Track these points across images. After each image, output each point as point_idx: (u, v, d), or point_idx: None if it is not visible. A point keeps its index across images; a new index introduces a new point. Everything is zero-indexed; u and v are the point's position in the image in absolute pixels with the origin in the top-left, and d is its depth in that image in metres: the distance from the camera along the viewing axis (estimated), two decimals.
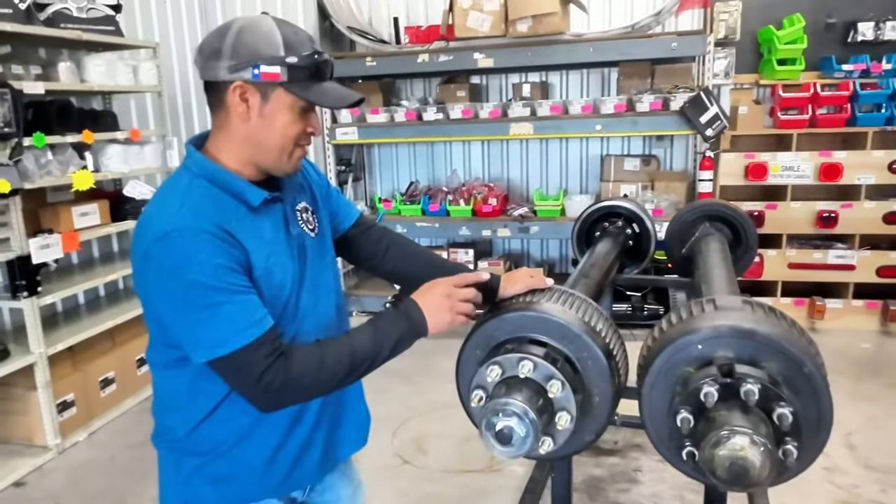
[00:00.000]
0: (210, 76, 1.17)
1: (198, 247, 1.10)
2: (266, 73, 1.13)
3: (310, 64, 1.16)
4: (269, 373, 1.12)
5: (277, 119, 1.17)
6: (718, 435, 1.13)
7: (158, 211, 1.16)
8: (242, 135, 1.18)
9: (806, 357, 1.23)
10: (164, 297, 1.13)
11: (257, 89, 1.15)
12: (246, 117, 1.17)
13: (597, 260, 2.41)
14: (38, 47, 3.32)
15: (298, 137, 1.21)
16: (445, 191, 4.90)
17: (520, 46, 4.34)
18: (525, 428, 1.22)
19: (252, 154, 1.20)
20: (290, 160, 1.23)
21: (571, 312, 1.40)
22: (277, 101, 1.16)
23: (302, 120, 1.20)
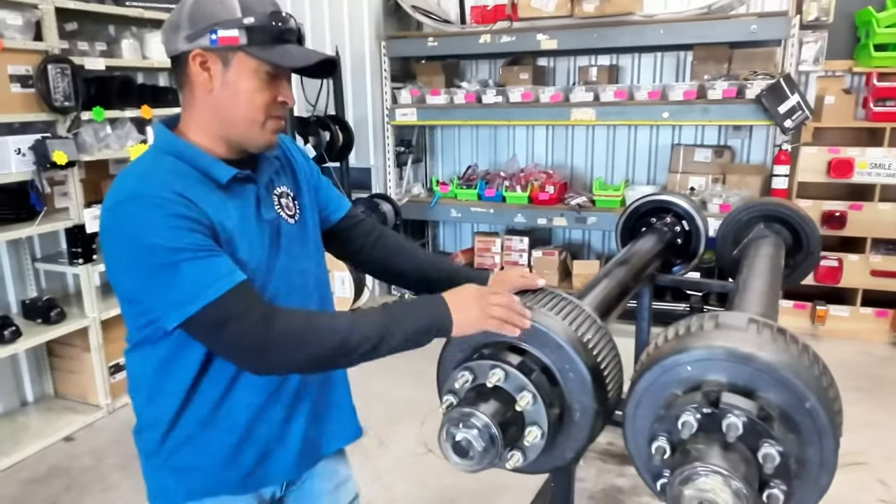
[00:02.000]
0: (171, 50, 1.13)
1: (153, 211, 1.05)
2: (224, 38, 1.08)
3: (269, 24, 1.11)
4: (249, 325, 1.06)
5: (241, 85, 1.11)
6: (687, 471, 1.01)
7: (117, 185, 1.12)
8: (210, 108, 1.13)
9: (810, 390, 1.08)
10: (126, 267, 1.08)
11: (218, 56, 1.10)
12: (209, 87, 1.12)
13: (630, 256, 2.26)
14: (107, 24, 3.45)
15: (268, 107, 1.15)
16: (503, 176, 4.78)
17: (585, 27, 4.14)
18: (484, 442, 1.14)
19: (221, 128, 1.15)
20: (263, 132, 1.17)
21: (557, 319, 1.29)
22: (239, 66, 1.11)
23: (270, 87, 1.14)
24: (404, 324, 1.13)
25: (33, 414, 3.27)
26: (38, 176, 2.80)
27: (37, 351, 3.34)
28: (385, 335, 1.11)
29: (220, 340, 1.09)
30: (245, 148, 1.19)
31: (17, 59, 2.75)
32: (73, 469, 2.82)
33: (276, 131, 1.20)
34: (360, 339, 1.10)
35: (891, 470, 2.68)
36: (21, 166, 2.78)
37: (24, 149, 2.78)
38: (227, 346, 1.09)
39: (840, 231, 3.98)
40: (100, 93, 3.19)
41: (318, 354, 1.11)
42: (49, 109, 2.85)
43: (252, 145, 1.18)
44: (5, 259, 3.18)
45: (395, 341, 1.12)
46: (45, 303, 3.08)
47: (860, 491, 2.58)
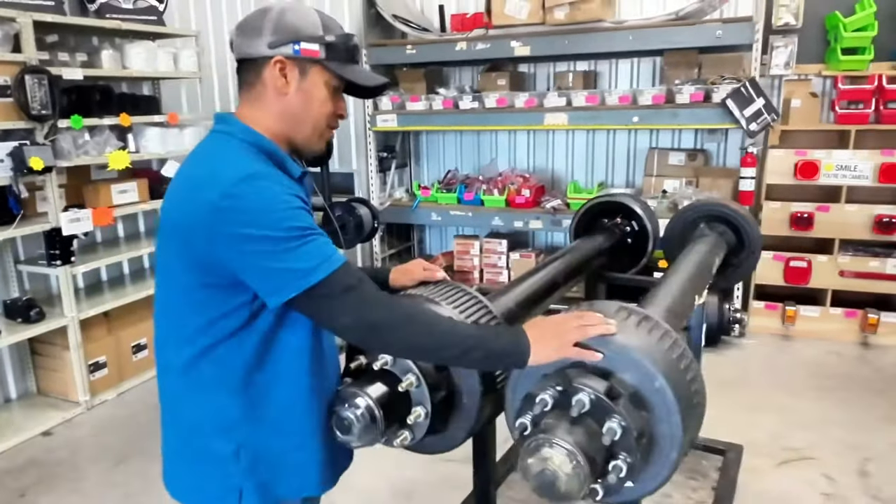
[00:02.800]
0: (249, 52, 1.21)
1: (279, 189, 1.12)
2: (306, 50, 1.18)
3: (345, 44, 1.23)
4: (369, 296, 1.13)
5: (314, 94, 1.21)
6: (532, 442, 1.09)
7: (222, 164, 1.13)
8: (279, 109, 1.21)
9: (660, 371, 1.17)
10: (247, 241, 1.07)
11: (296, 65, 1.19)
12: (285, 91, 1.20)
13: (565, 253, 2.35)
14: (89, 36, 3.59)
15: (330, 117, 1.26)
16: (481, 180, 4.87)
17: (557, 34, 4.23)
18: (365, 420, 1.23)
19: (287, 128, 1.23)
20: (321, 139, 1.28)
21: (448, 309, 1.38)
22: (315, 76, 1.21)
23: (334, 100, 1.25)
24: (490, 342, 1.18)
25: (16, 409, 3.40)
26: (15, 181, 2.94)
27: (20, 349, 3.47)
28: (475, 346, 1.16)
29: (341, 304, 1.11)
30: (300, 150, 1.28)
31: None
32: (48, 462, 2.94)
33: (328, 139, 1.31)
34: (457, 341, 1.16)
35: (838, 465, 2.73)
36: (0, 172, 2.91)
37: (2, 155, 2.92)
38: (346, 313, 1.12)
39: (808, 232, 4.03)
40: (79, 101, 3.33)
41: (421, 342, 1.16)
42: (27, 118, 2.98)
43: (308, 148, 1.28)
44: None
45: (479, 354, 1.17)
46: (25, 303, 3.21)
47: (804, 484, 2.63)
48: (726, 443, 2.70)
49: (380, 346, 1.22)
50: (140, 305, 3.81)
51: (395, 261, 5.58)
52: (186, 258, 1.14)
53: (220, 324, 1.16)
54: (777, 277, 4.14)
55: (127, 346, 3.71)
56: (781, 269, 4.12)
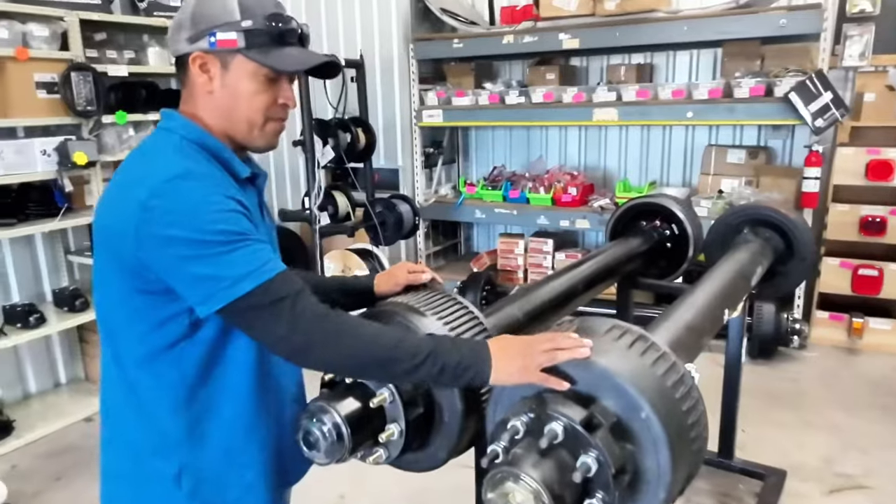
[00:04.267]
0: (176, 50, 1.14)
1: (214, 189, 1.05)
2: (222, 41, 1.09)
3: (269, 27, 1.11)
4: (305, 307, 1.05)
5: (241, 88, 1.12)
6: (497, 474, 1.00)
7: (154, 163, 1.07)
8: (211, 107, 1.13)
9: (647, 399, 1.04)
10: (172, 244, 1.00)
11: (217, 58, 1.11)
12: (209, 88, 1.12)
13: (594, 256, 2.22)
14: (139, 34, 3.68)
15: (268, 109, 1.15)
16: (527, 177, 4.74)
17: (607, 26, 4.04)
18: (331, 437, 1.17)
19: (224, 126, 1.14)
20: (263, 134, 1.17)
21: (432, 320, 1.30)
22: (238, 68, 1.11)
23: (270, 89, 1.14)
24: (447, 356, 1.09)
25: (64, 394, 3.55)
26: (60, 175, 3.04)
27: (69, 336, 3.61)
28: (426, 360, 1.07)
29: (270, 321, 1.04)
30: (246, 147, 1.19)
31: (43, 68, 2.99)
32: (85, 447, 3.04)
33: (278, 133, 1.20)
34: (404, 354, 1.07)
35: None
36: (46, 166, 3.02)
37: (49, 150, 3.02)
38: (277, 326, 1.04)
39: (880, 238, 3.71)
40: (125, 98, 3.41)
41: (361, 357, 1.08)
42: (73, 114, 3.08)
43: (251, 145, 1.19)
44: (41, 251, 3.46)
45: (435, 369, 1.08)
46: (72, 292, 3.33)
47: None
48: (767, 466, 2.50)
49: (314, 363, 1.09)
50: None
51: (441, 258, 5.52)
52: (118, 262, 1.07)
53: (159, 333, 1.09)
54: (844, 286, 3.83)
55: None
56: (849, 278, 3.81)
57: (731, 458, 2.49)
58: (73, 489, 2.73)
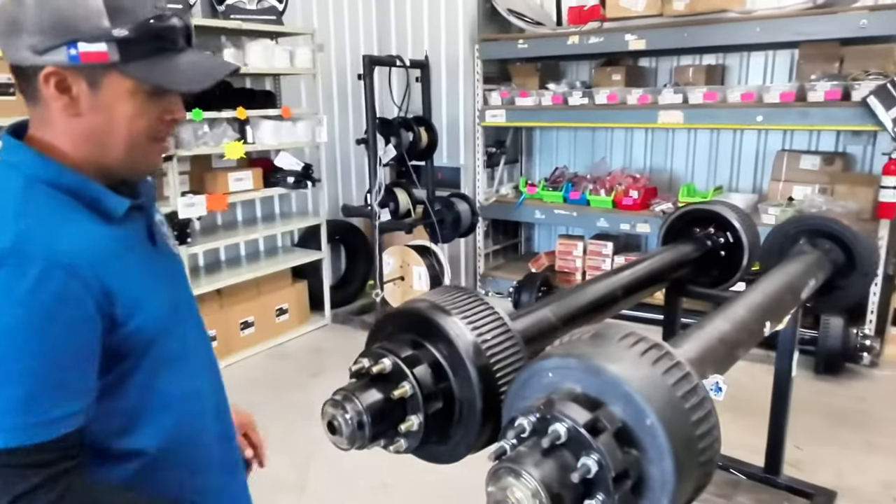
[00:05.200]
0: (12, 57, 0.87)
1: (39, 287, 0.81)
2: (88, 55, 0.85)
3: (149, 32, 0.87)
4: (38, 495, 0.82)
5: (117, 110, 0.89)
6: (498, 468, 1.04)
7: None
8: (75, 133, 0.90)
9: (653, 407, 1.06)
10: None
11: (81, 76, 0.86)
12: (73, 112, 0.88)
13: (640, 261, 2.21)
14: (218, 35, 3.89)
15: (152, 129, 0.93)
16: (589, 179, 4.70)
17: (675, 26, 3.96)
18: (352, 425, 1.24)
19: (93, 153, 0.92)
20: (146, 158, 0.95)
21: (456, 320, 1.35)
22: (112, 87, 0.88)
23: (153, 106, 0.92)
24: None
25: None
26: None
27: None
28: None
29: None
30: (123, 176, 0.97)
31: None
32: None
33: (163, 153, 1.00)
34: None
35: None
36: None
37: None
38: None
39: None
40: (201, 96, 3.62)
41: None
42: None
43: (131, 174, 0.97)
44: None
45: None
46: None
47: None
48: (817, 486, 2.41)
49: None
50: (251, 285, 4.11)
51: (500, 257, 5.55)
52: None
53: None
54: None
55: (236, 321, 4.02)
56: None
57: (777, 474, 2.42)
58: None
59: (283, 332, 4.27)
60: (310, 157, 4.39)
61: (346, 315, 4.63)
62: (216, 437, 1.16)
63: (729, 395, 2.85)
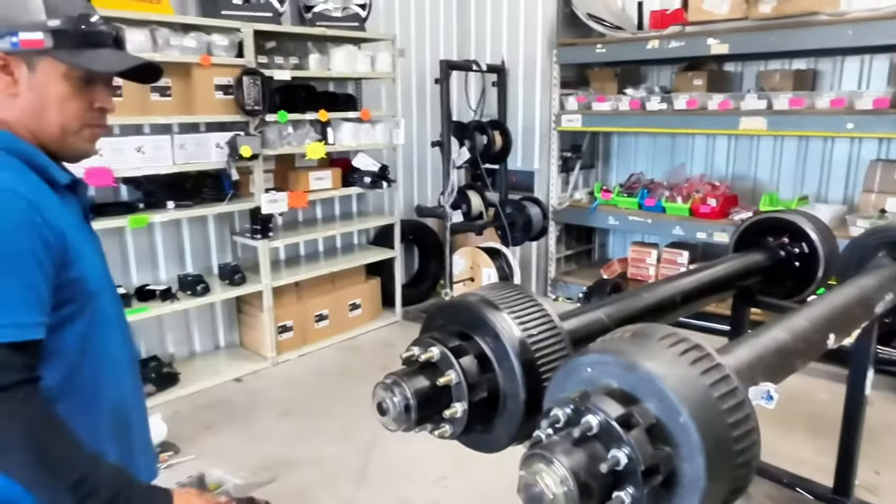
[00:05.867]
0: None
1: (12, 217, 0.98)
2: (26, 41, 1.04)
3: (79, 27, 1.07)
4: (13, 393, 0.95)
5: (51, 91, 1.07)
6: (530, 453, 1.08)
7: None
8: (18, 111, 1.08)
9: (689, 407, 1.07)
10: None
11: (21, 59, 1.06)
12: (13, 91, 1.07)
13: (706, 267, 2.18)
14: (305, 41, 4.11)
15: (83, 114, 1.11)
16: (665, 185, 4.61)
17: (761, 30, 3.83)
18: (400, 408, 1.31)
19: (33, 132, 1.10)
20: (79, 140, 1.13)
21: (503, 315, 1.40)
22: (47, 70, 1.07)
23: (85, 93, 1.10)
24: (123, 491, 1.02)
25: (221, 356, 4.06)
26: (230, 165, 3.50)
27: (229, 307, 4.13)
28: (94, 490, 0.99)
29: None
30: (57, 155, 1.14)
31: (221, 73, 3.46)
32: (233, 404, 3.48)
33: (95, 139, 1.16)
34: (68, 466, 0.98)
35: None
36: (218, 157, 3.50)
37: (222, 143, 3.49)
38: None
39: None
40: (287, 99, 3.84)
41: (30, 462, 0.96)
42: (242, 112, 3.53)
43: (66, 154, 1.14)
44: (211, 230, 4.00)
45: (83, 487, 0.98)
46: (232, 268, 3.81)
47: None
48: None
49: None
50: (327, 279, 4.29)
51: (573, 262, 5.52)
52: None
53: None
54: None
55: (311, 314, 4.21)
56: None
57: (847, 496, 2.31)
58: (219, 437, 3.15)
59: (356, 327, 4.44)
60: (387, 159, 4.53)
61: (417, 313, 4.75)
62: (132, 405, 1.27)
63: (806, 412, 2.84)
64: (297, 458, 2.94)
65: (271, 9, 3.66)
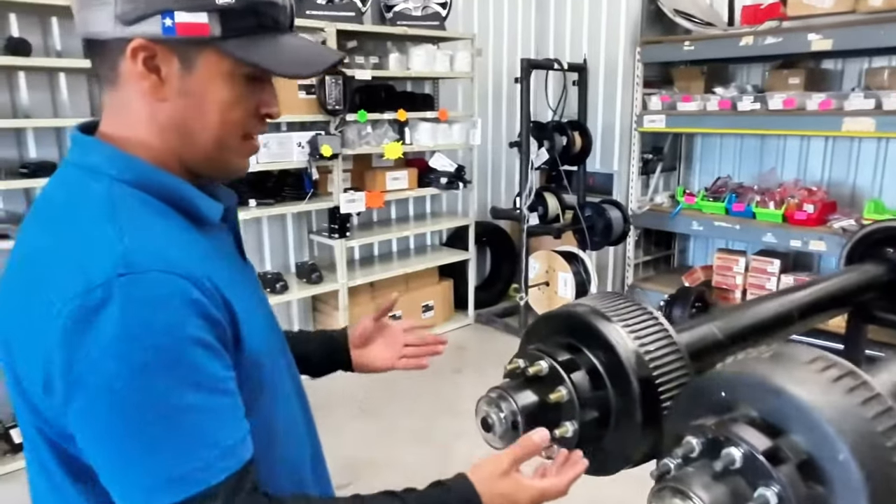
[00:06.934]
0: (90, 30, 0.74)
1: (171, 306, 0.67)
2: (186, 26, 0.72)
3: (253, 5, 0.75)
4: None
5: (211, 97, 0.76)
6: (662, 486, 0.98)
7: (79, 235, 0.70)
8: (160, 122, 0.77)
9: (850, 442, 0.95)
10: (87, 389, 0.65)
11: (173, 52, 0.74)
12: (159, 96, 0.75)
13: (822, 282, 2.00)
14: (385, 40, 4.09)
15: (247, 123, 0.80)
16: (756, 190, 4.36)
17: (869, 24, 3.56)
18: (507, 424, 1.23)
19: (178, 148, 0.79)
20: (236, 157, 0.82)
21: (616, 327, 1.30)
22: (209, 68, 0.75)
23: (250, 96, 0.79)
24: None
25: None
26: (310, 164, 3.51)
27: (305, 304, 4.16)
28: None
29: None
30: (208, 175, 0.84)
31: None
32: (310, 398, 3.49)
33: (253, 154, 0.85)
34: None
35: None
36: (300, 156, 3.52)
37: (304, 142, 3.51)
38: None
39: None
40: (367, 98, 3.83)
41: None
42: (324, 112, 3.54)
43: (218, 174, 0.84)
44: (290, 229, 4.04)
45: None
46: (310, 266, 3.83)
47: None
48: None
49: None
50: (401, 280, 4.27)
51: (651, 268, 5.31)
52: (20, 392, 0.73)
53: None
54: None
55: None
56: None
57: None
58: None
59: (428, 329, 4.39)
60: (462, 159, 4.47)
61: (490, 316, 4.67)
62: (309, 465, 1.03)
63: None
64: (374, 459, 2.91)
65: (354, 8, 3.65)
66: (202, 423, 0.69)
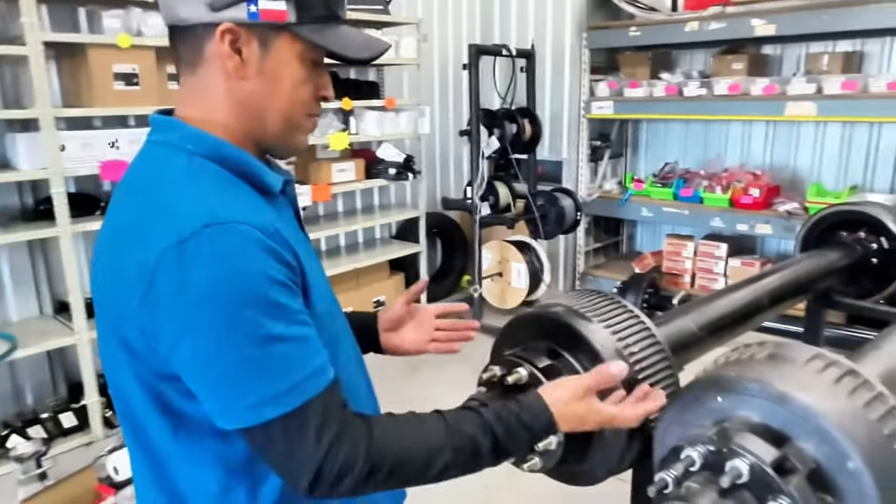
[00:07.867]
0: (181, 16, 0.84)
1: (252, 251, 0.77)
2: (267, 12, 0.82)
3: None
4: (344, 436, 0.80)
5: (284, 77, 0.86)
6: None
7: (168, 198, 0.80)
8: (236, 100, 0.87)
9: (859, 449, 0.88)
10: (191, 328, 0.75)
11: (255, 34, 0.84)
12: (242, 74, 0.85)
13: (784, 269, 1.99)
14: None
15: (310, 103, 0.90)
16: (703, 175, 4.40)
17: (810, 9, 3.61)
18: None
19: (251, 125, 0.88)
20: (299, 134, 0.92)
21: (597, 326, 1.21)
22: (283, 50, 0.85)
23: (313, 79, 0.90)
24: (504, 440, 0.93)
25: None
26: None
27: None
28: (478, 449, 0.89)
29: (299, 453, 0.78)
30: (274, 153, 0.95)
31: None
32: None
33: (312, 131, 0.96)
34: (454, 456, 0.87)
35: None
36: None
37: None
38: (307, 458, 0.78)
39: None
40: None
41: (410, 478, 0.87)
42: None
43: (283, 150, 0.95)
44: None
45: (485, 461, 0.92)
46: None
47: None
48: None
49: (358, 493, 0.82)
50: (351, 275, 4.11)
51: (601, 255, 5.32)
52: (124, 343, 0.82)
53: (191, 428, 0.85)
54: None
55: None
56: None
57: None
58: None
59: None
60: (410, 149, 4.34)
61: None
62: None
63: None
64: None
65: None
66: (293, 349, 0.79)
